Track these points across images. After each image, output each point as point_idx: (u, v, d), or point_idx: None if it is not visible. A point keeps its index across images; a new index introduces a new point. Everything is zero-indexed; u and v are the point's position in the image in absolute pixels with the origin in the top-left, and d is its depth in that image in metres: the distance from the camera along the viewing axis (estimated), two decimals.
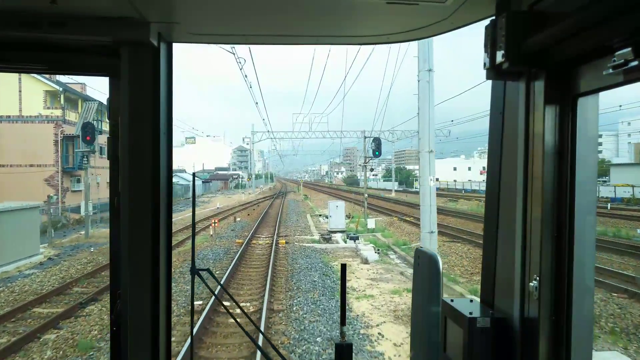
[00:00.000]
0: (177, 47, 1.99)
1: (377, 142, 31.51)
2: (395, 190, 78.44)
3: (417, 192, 79.67)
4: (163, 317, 1.91)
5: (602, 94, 1.33)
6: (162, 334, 1.91)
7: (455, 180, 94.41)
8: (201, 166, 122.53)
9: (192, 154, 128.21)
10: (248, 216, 37.20)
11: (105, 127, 46.08)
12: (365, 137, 35.72)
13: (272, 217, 35.82)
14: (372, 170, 37.16)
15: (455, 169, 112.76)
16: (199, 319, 10.08)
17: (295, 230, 28.05)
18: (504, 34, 1.39)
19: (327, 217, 32.59)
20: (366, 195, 33.34)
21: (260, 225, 30.09)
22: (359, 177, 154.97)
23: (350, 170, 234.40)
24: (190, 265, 2.02)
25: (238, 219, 33.86)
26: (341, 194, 72.95)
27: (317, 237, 24.82)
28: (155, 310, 1.86)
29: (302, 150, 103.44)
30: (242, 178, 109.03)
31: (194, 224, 2.13)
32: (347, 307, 11.47)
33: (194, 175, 2.40)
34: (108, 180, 1.89)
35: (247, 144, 72.61)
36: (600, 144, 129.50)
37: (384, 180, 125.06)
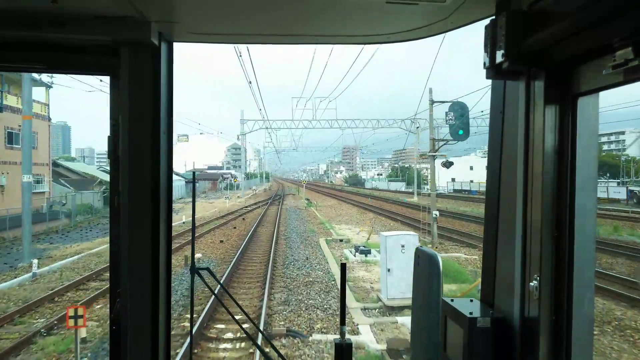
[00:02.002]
0: (180, 47, 1.97)
1: (462, 111, 15.09)
2: (409, 193, 62.42)
3: (447, 196, 63.95)
4: (163, 315, 1.92)
5: (622, 88, 1.31)
6: (162, 333, 1.91)
7: (471, 181, 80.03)
8: (192, 165, 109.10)
9: (184, 152, 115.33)
10: (220, 245, 20.79)
11: (8, 100, 29.49)
12: (432, 102, 19.33)
13: (261, 247, 19.72)
14: (445, 165, 20.52)
15: (471, 168, 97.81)
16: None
17: (307, 304, 11.64)
18: (504, 33, 1.40)
19: (358, 251, 16.03)
20: (436, 213, 16.87)
21: (235, 273, 13.71)
22: (362, 177, 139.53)
23: (351, 170, 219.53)
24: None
25: (198, 256, 17.35)
26: (352, 198, 57.08)
27: (374, 345, 8.45)
28: (155, 309, 1.87)
29: (302, 146, 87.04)
30: (232, 178, 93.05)
31: (193, 223, 2.12)
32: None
33: (193, 174, 2.46)
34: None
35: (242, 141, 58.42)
36: (624, 141, 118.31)
37: (389, 181, 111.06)
